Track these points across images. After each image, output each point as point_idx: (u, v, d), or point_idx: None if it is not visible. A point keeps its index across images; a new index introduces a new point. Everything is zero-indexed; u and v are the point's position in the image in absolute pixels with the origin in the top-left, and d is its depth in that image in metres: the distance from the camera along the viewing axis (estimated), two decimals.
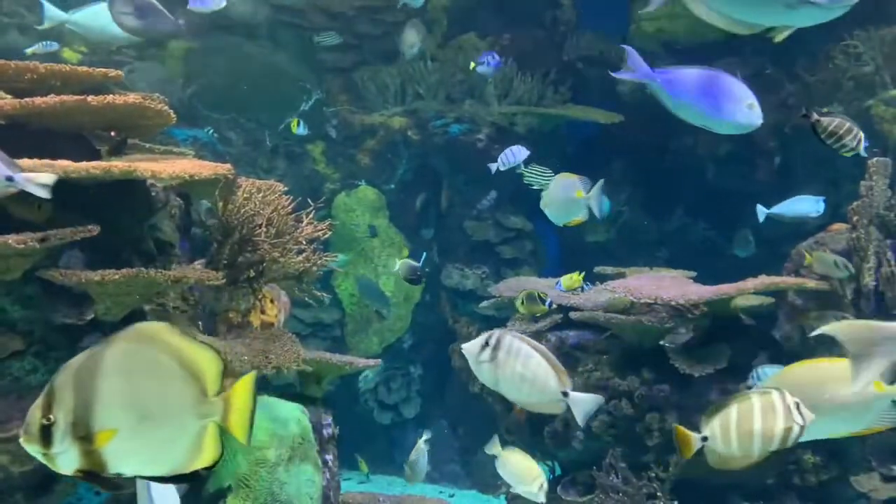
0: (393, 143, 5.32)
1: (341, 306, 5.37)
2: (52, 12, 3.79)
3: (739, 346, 3.14)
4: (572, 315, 3.31)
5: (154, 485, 1.64)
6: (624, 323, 3.13)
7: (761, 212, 3.86)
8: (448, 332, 5.17)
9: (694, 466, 2.37)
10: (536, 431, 3.32)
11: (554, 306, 3.29)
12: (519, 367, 1.72)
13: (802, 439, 1.73)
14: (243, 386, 1.32)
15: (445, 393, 5.31)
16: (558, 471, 3.48)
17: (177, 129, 4.58)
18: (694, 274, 3.66)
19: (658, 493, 2.93)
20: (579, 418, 1.79)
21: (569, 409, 1.76)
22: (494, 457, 2.54)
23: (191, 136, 4.73)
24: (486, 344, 1.76)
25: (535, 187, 3.86)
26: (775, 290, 3.16)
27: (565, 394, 1.74)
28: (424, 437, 3.71)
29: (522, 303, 3.28)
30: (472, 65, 4.49)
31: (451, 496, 4.54)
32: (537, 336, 3.41)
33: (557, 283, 3.49)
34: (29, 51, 3.96)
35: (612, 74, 2.29)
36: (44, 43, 4.01)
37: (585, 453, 3.21)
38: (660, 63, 2.23)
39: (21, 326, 1.90)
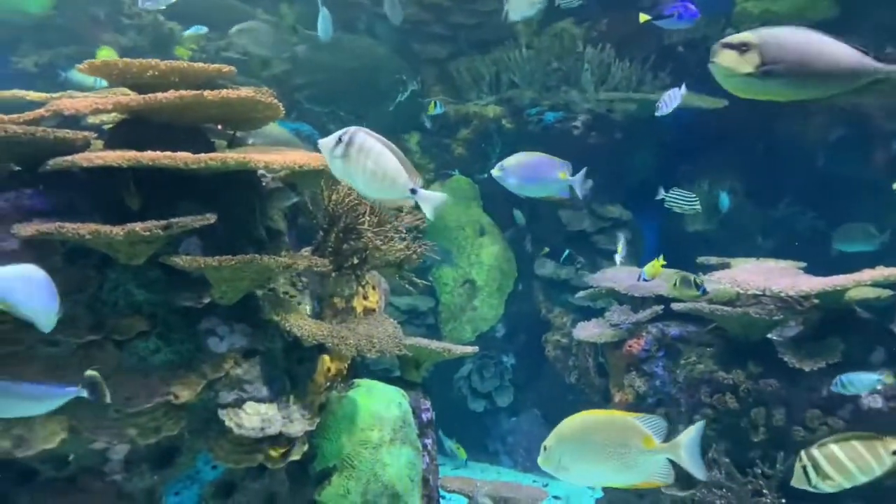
0: (487, 132, 5.32)
1: (435, 294, 5.43)
2: None
3: (854, 341, 2.98)
4: (674, 306, 3.23)
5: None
6: (729, 315, 3.02)
7: None
8: (541, 322, 5.15)
9: None
10: None
11: (709, 294, 3.15)
12: (370, 163, 1.77)
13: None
14: None
15: (539, 383, 5.29)
16: None
17: (281, 123, 4.75)
18: (803, 265, 3.50)
19: (764, 491, 2.83)
20: (428, 213, 1.80)
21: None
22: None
23: (293, 129, 4.88)
24: (340, 140, 1.80)
25: (677, 210, 3.75)
26: (895, 281, 2.98)
27: (414, 191, 1.78)
28: None
29: (675, 286, 3.16)
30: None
31: (546, 486, 4.53)
32: (638, 326, 3.36)
33: (640, 273, 3.36)
34: (186, 34, 4.21)
35: None
36: (196, 27, 4.27)
37: None
38: None
39: (145, 309, 2.02)
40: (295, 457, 2.12)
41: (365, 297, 2.79)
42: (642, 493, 3.27)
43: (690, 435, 1.91)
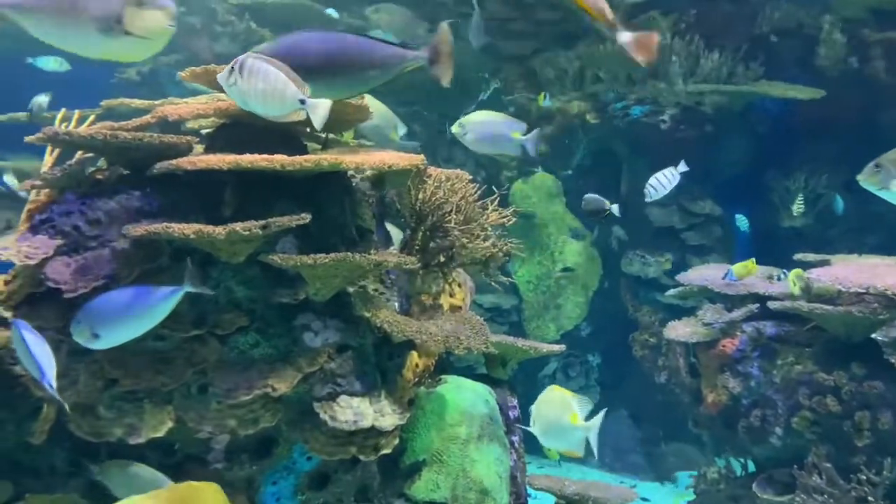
0: (570, 128, 5.27)
1: (518, 292, 5.42)
2: None
3: None
4: (770, 305, 3.12)
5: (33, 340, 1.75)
6: (830, 314, 2.90)
7: None
8: (628, 321, 5.06)
9: None
10: (729, 425, 3.17)
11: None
12: (260, 83, 1.86)
13: None
14: None
15: (626, 382, 5.21)
16: (752, 467, 3.31)
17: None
18: None
19: (870, 499, 2.69)
20: (317, 123, 1.88)
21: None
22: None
23: None
24: (233, 69, 1.88)
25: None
26: None
27: (303, 101, 1.86)
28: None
29: (795, 284, 3.05)
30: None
31: (634, 487, 4.45)
32: (731, 326, 3.26)
33: (728, 272, 3.23)
34: None
35: None
36: None
37: (784, 450, 3.03)
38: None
39: (245, 305, 2.11)
40: (386, 450, 2.17)
41: (451, 295, 2.81)
42: (736, 497, 3.18)
43: (598, 420, 2.32)
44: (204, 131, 2.55)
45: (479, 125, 3.25)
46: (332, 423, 2.06)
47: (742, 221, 4.39)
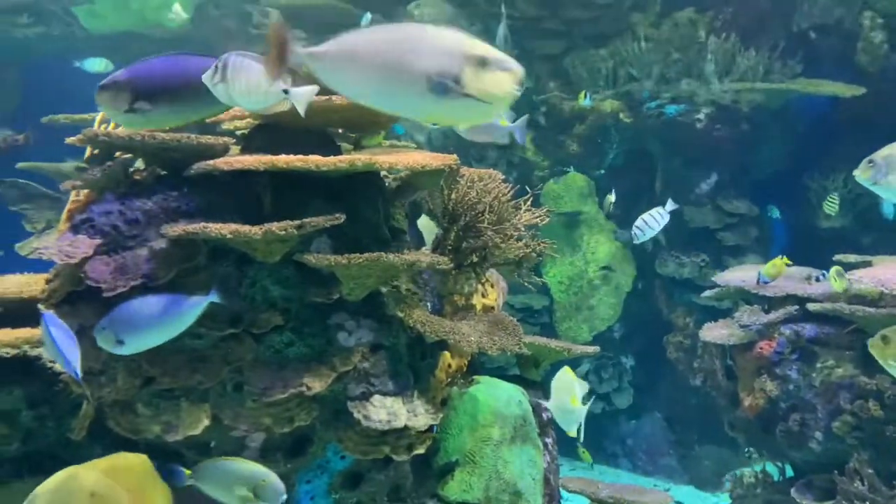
0: (603, 127, 5.23)
1: (549, 293, 5.38)
2: None
3: None
4: (810, 306, 3.06)
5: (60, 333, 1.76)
6: (873, 316, 2.83)
7: None
8: (662, 322, 5.00)
9: None
10: (768, 429, 3.11)
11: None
12: (244, 80, 1.85)
13: None
14: None
15: (659, 385, 5.15)
16: (790, 472, 3.25)
17: (396, 125, 4.85)
18: None
19: None
20: (301, 109, 1.85)
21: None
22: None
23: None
24: (217, 68, 1.88)
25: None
26: None
27: (286, 91, 1.84)
28: None
29: (836, 280, 2.99)
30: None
31: (667, 490, 4.40)
32: (769, 327, 3.20)
33: (759, 275, 3.16)
34: None
35: None
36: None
37: (824, 455, 2.96)
38: None
39: (280, 304, 2.12)
40: (419, 450, 2.17)
41: (484, 295, 2.80)
42: (774, 502, 3.12)
43: (586, 407, 2.51)
44: (239, 132, 2.58)
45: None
46: (365, 423, 2.06)
47: (774, 211, 4.29)
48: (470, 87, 1.41)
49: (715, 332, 3.37)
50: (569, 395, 2.51)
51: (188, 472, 1.96)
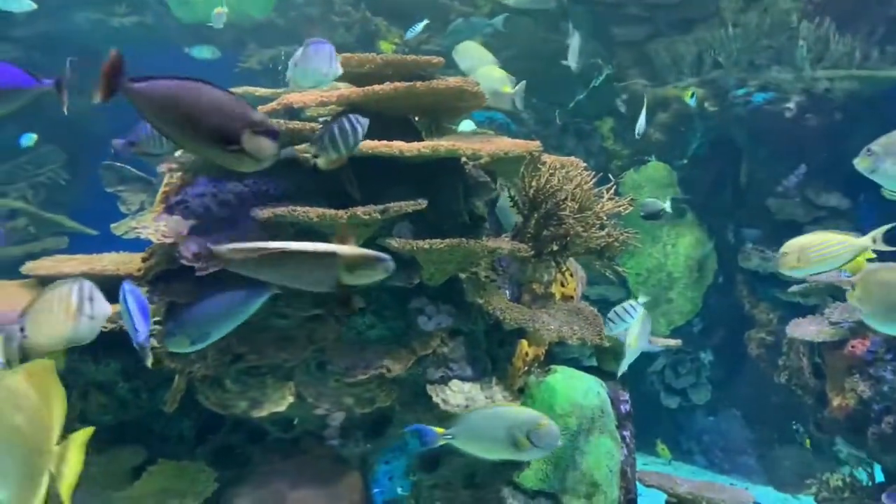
0: (687, 115, 5.08)
1: (627, 285, 5.29)
2: None
3: None
4: None
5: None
6: None
7: None
8: (744, 318, 4.85)
9: None
10: (858, 430, 2.98)
11: None
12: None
13: None
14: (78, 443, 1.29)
15: (738, 381, 5.00)
16: (879, 476, 3.11)
17: (475, 113, 4.84)
18: None
19: None
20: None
21: None
22: None
23: (487, 117, 4.96)
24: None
25: None
26: None
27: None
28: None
29: None
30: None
31: (746, 489, 4.27)
32: (862, 325, 3.05)
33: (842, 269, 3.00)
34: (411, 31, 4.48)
35: None
36: (412, 28, 4.51)
37: None
38: None
39: (361, 287, 2.15)
40: None
41: (563, 284, 2.78)
42: None
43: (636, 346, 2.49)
44: (321, 119, 2.62)
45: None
46: (444, 407, 2.08)
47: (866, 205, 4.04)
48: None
49: (803, 329, 3.24)
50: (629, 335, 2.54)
51: (440, 430, 1.88)
